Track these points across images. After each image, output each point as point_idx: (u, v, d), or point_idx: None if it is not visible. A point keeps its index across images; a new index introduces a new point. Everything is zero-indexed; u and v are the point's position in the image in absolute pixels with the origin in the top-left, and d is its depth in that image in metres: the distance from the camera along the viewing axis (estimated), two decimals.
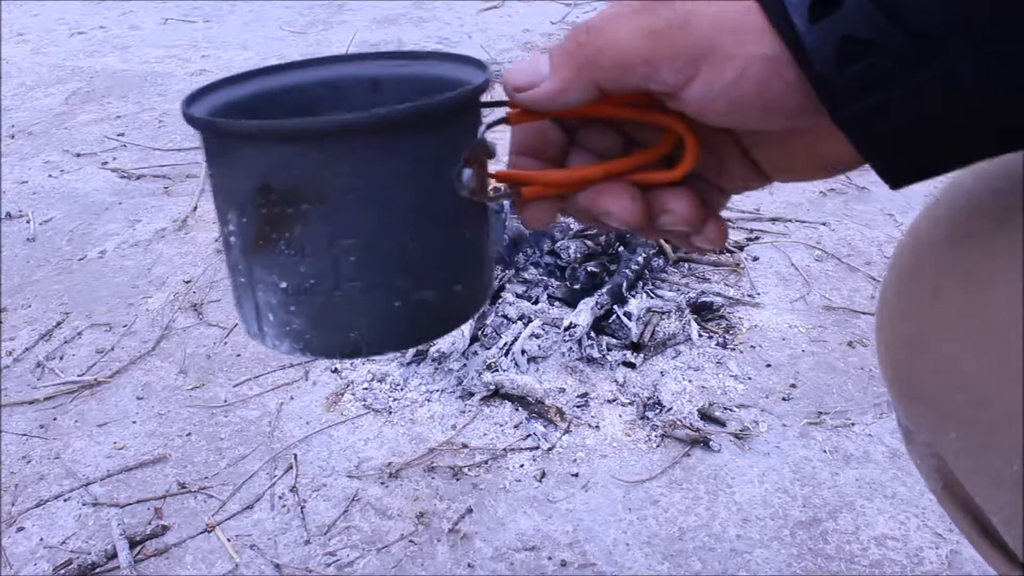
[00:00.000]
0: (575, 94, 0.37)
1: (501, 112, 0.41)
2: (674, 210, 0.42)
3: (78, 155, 2.74)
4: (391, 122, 0.35)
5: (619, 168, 0.41)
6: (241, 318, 0.40)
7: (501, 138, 0.40)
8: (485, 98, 0.41)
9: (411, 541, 1.33)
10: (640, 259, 1.89)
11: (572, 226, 1.99)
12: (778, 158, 0.43)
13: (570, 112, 0.40)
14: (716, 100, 0.36)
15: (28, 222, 2.33)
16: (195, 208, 2.38)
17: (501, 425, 1.56)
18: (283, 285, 0.36)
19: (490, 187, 0.41)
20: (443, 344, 1.66)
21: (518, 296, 1.82)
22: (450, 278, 0.40)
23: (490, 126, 0.41)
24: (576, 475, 1.45)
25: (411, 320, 0.38)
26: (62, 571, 1.28)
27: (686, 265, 2.02)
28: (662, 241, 2.01)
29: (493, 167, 0.42)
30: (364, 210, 0.35)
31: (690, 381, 1.66)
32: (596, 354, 1.70)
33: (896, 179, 0.38)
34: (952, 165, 0.37)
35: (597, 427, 1.55)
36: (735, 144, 0.43)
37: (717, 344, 1.77)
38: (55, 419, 1.61)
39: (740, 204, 2.35)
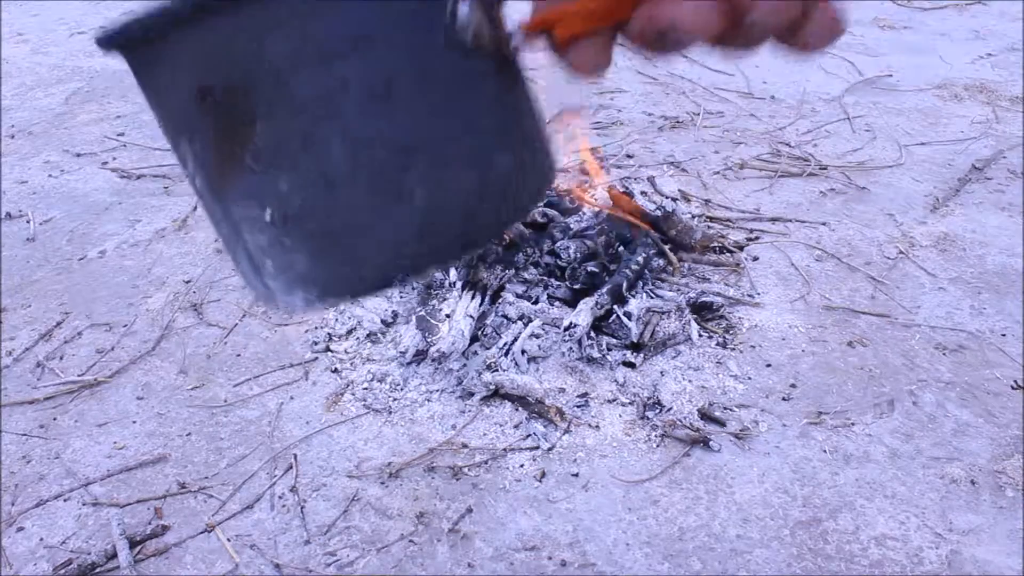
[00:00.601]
0: None
1: None
2: None
3: (78, 155, 2.74)
4: None
5: None
6: (244, 281, 0.31)
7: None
8: None
9: (411, 541, 1.33)
10: (640, 259, 1.89)
11: (572, 226, 1.99)
12: None
13: None
14: None
15: (28, 222, 2.33)
16: (195, 208, 2.38)
17: (501, 425, 1.56)
18: (268, 215, 0.28)
19: (510, 38, 0.31)
20: (443, 344, 1.66)
21: (518, 296, 1.82)
22: (482, 151, 0.29)
23: None
24: (576, 475, 1.45)
25: (445, 217, 0.28)
26: (62, 571, 1.28)
27: (686, 265, 2.02)
28: (666, 249, 2.01)
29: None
30: (336, 83, 0.26)
31: (690, 381, 1.66)
32: (596, 354, 1.70)
33: None
34: None
35: (597, 427, 1.55)
36: None
37: (717, 344, 1.77)
38: (55, 419, 1.60)
39: (740, 204, 2.35)
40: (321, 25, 0.26)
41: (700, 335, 1.79)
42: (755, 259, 2.09)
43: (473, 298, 1.77)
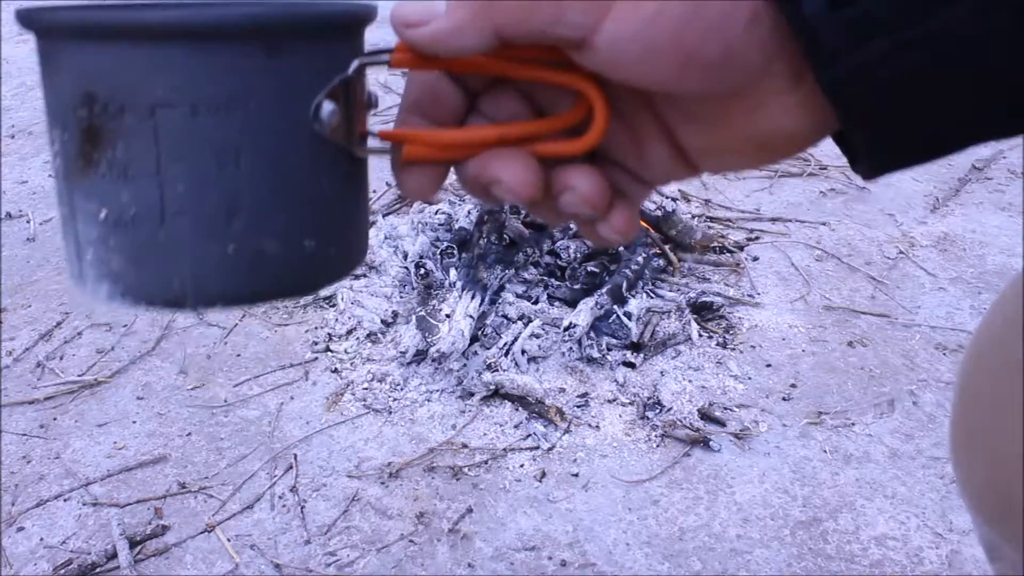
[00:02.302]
0: (470, 38, 0.32)
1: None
2: (575, 187, 0.36)
3: None
4: (239, 27, 0.30)
5: (517, 133, 0.36)
6: (66, 259, 0.35)
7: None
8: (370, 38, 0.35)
9: (411, 541, 1.33)
10: (640, 259, 1.89)
11: (572, 226, 1.99)
12: (706, 136, 0.35)
13: (463, 62, 0.35)
14: (628, 44, 0.31)
15: (28, 222, 2.33)
16: None
17: (501, 425, 1.56)
18: (102, 215, 0.32)
19: (365, 139, 0.36)
20: (443, 344, 1.66)
21: (518, 296, 1.82)
22: (298, 231, 0.34)
23: (365, 63, 0.35)
24: (576, 475, 1.45)
25: (247, 272, 0.33)
26: (62, 571, 1.28)
27: (686, 265, 2.02)
28: (667, 249, 2.01)
29: (379, 127, 0.37)
30: (197, 133, 0.30)
31: (690, 381, 1.66)
32: (596, 354, 1.70)
33: (880, 160, 0.32)
34: (948, 146, 0.31)
35: (597, 427, 1.55)
36: (656, 121, 0.36)
37: (717, 344, 1.77)
38: (55, 419, 1.61)
39: (740, 204, 2.35)
40: (200, 82, 0.30)
41: (700, 335, 1.79)
42: (755, 259, 2.09)
43: (473, 298, 1.77)
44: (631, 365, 1.69)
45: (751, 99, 0.32)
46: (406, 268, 1.93)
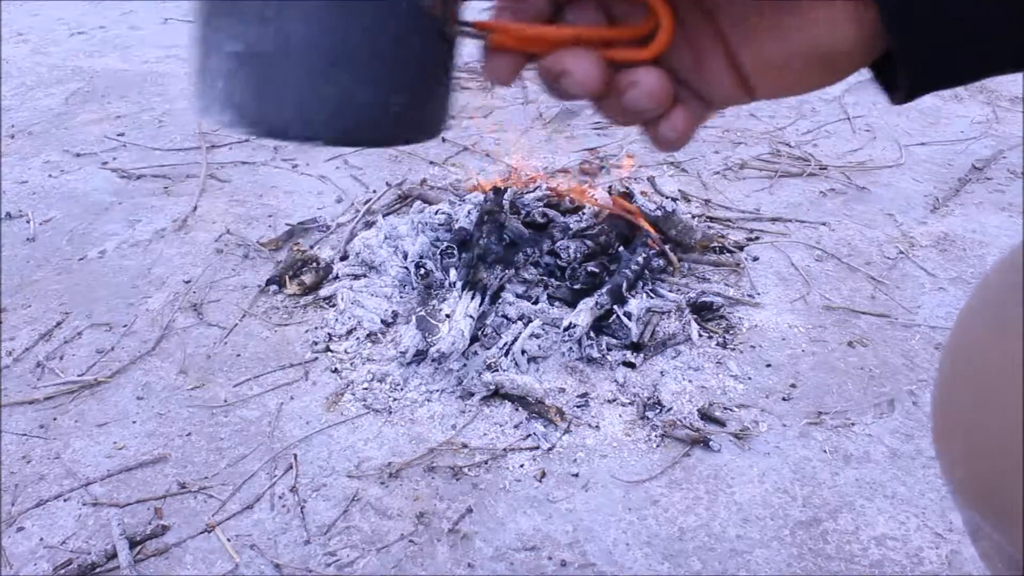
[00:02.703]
0: None
1: None
2: (640, 82, 0.40)
3: (78, 155, 2.74)
4: None
5: (591, 35, 0.41)
6: (195, 94, 0.42)
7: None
8: None
9: (411, 541, 1.33)
10: (640, 259, 1.89)
11: (572, 226, 1.99)
12: (760, 52, 0.39)
13: None
14: None
15: (28, 222, 2.33)
16: (195, 208, 2.38)
17: (501, 425, 1.56)
18: (235, 49, 0.38)
19: (458, 24, 0.42)
20: (443, 344, 1.66)
21: (518, 296, 1.82)
22: (388, 87, 0.40)
23: None
24: (576, 475, 1.45)
25: (343, 114, 0.39)
26: (62, 571, 1.28)
27: (686, 265, 2.02)
28: (667, 249, 2.01)
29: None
30: None
31: (690, 381, 1.66)
32: (596, 354, 1.70)
33: (920, 77, 0.34)
34: (991, 63, 0.33)
35: (597, 427, 1.55)
36: (716, 37, 0.40)
37: (717, 344, 1.77)
38: (55, 419, 1.60)
39: (740, 204, 2.35)
40: None
41: (700, 335, 1.79)
42: (755, 259, 2.09)
43: (473, 298, 1.77)
44: (631, 365, 1.69)
45: (804, 13, 0.36)
46: (406, 268, 1.93)
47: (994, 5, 0.32)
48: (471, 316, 1.73)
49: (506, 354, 1.67)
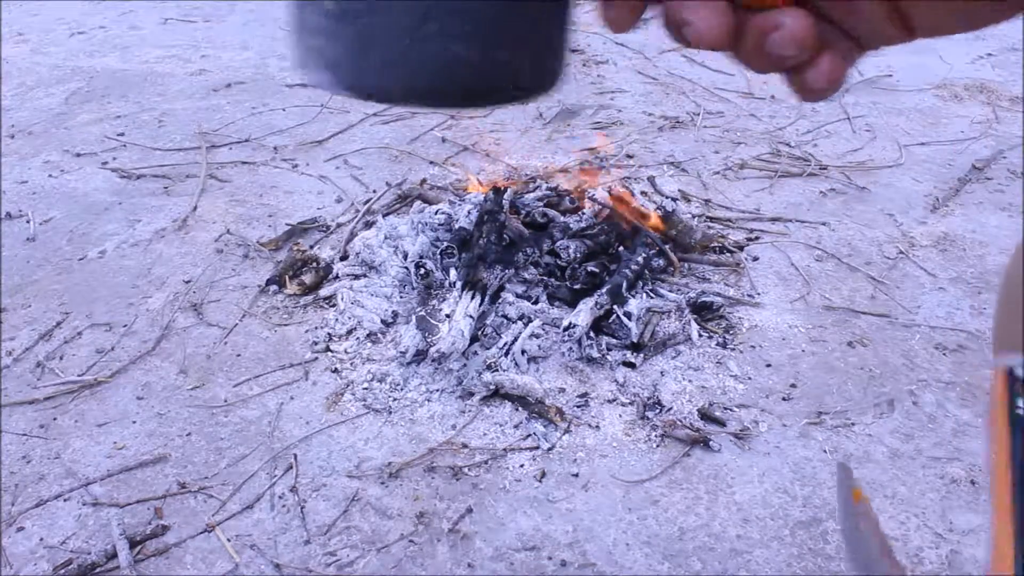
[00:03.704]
0: None
1: None
2: (784, 24, 0.35)
3: (78, 155, 2.74)
4: None
5: None
6: (293, 50, 0.41)
7: None
8: None
9: (411, 541, 1.33)
10: (640, 259, 1.89)
11: (572, 226, 1.99)
12: None
13: None
14: None
15: (28, 222, 2.33)
16: (195, 208, 2.38)
17: (501, 425, 1.56)
18: (331, 8, 0.37)
19: None
20: (443, 344, 1.66)
21: (518, 296, 1.82)
22: (494, 44, 0.37)
23: None
24: (576, 475, 1.45)
25: (444, 73, 0.37)
26: (62, 571, 1.28)
27: (686, 265, 2.02)
28: (667, 249, 2.01)
29: None
30: None
31: (690, 381, 1.66)
32: (596, 354, 1.70)
33: None
34: None
35: (597, 427, 1.55)
36: None
37: (717, 344, 1.77)
38: (55, 419, 1.61)
39: (740, 204, 2.35)
40: None
41: (700, 335, 1.79)
42: (755, 259, 2.09)
43: (473, 298, 1.77)
44: (631, 365, 1.69)
45: None
46: (406, 268, 1.93)
47: None
48: (471, 316, 1.73)
49: (506, 354, 1.67)
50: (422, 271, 1.89)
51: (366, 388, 1.65)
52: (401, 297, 1.90)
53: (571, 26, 0.41)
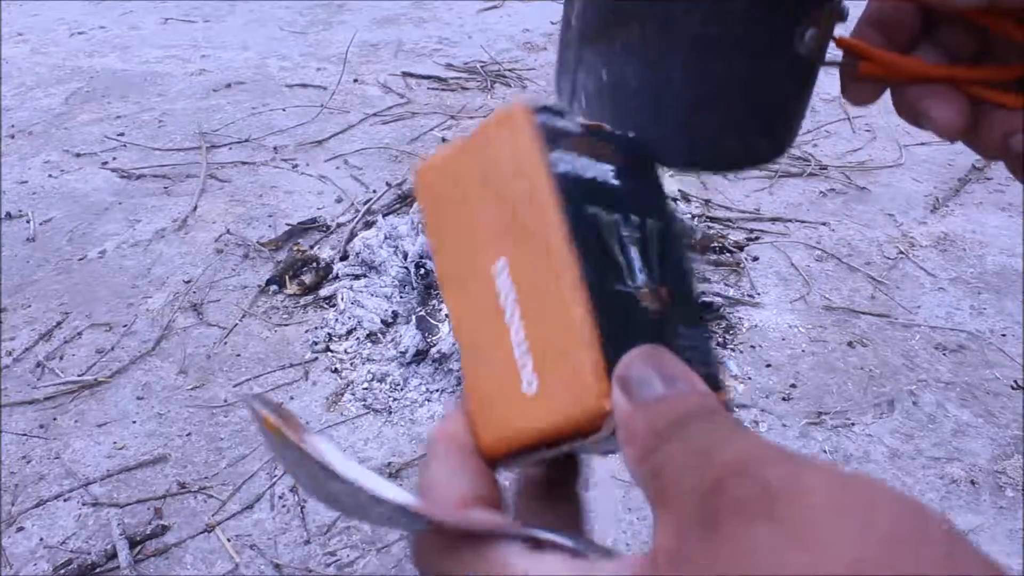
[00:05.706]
0: (971, 1, 0.35)
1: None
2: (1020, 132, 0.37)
3: (78, 155, 2.74)
4: None
5: (962, 75, 0.39)
6: (556, 89, 0.43)
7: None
8: None
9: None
10: None
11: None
12: None
13: (955, 9, 0.39)
14: None
15: (28, 222, 2.33)
16: (195, 208, 2.38)
17: None
18: (604, 76, 0.40)
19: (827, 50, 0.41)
20: (443, 344, 1.66)
21: None
22: (757, 131, 0.41)
23: None
24: None
25: (698, 147, 0.40)
26: (62, 571, 1.28)
27: None
28: None
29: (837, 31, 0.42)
30: (704, 41, 0.38)
31: None
32: None
33: None
34: None
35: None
36: None
37: (717, 344, 1.77)
38: (55, 419, 1.61)
39: (740, 204, 2.35)
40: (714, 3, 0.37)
41: None
42: (755, 259, 2.09)
43: None
44: None
45: None
46: (406, 268, 1.93)
47: None
48: None
49: None
50: (422, 271, 1.89)
51: (366, 388, 1.65)
52: (401, 297, 1.90)
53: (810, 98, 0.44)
